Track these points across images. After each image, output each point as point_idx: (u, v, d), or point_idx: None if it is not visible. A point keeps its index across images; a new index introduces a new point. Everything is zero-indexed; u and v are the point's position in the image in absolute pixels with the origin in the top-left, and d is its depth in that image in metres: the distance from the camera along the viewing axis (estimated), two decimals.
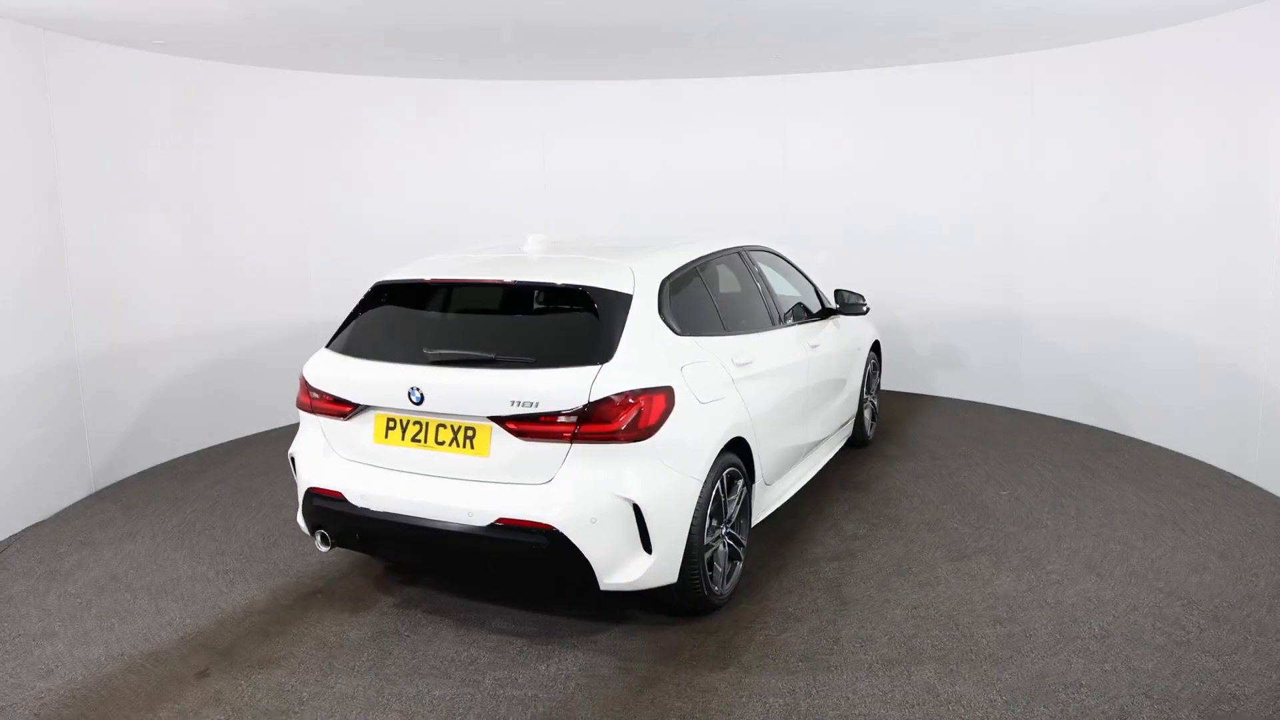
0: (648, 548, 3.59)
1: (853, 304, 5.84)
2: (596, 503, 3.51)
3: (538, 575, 4.03)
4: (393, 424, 3.83)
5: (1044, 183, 6.97)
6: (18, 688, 3.54)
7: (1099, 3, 5.27)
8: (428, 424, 3.75)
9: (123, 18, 5.13)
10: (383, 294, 4.20)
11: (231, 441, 6.86)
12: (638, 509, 3.54)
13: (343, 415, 3.92)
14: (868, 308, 5.94)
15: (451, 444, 3.71)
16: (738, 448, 4.13)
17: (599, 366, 3.59)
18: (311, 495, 3.99)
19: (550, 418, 3.52)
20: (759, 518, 4.47)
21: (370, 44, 6.09)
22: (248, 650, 3.78)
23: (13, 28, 5.10)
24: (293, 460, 4.17)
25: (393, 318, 4.16)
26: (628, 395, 3.55)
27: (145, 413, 6.21)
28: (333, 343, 4.17)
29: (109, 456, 5.92)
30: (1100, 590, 4.14)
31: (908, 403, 7.66)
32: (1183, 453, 6.08)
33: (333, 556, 4.65)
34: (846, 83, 7.72)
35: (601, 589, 3.59)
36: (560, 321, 3.91)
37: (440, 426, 3.73)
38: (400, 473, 3.81)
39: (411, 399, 3.70)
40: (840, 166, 7.88)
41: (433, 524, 3.67)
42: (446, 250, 4.73)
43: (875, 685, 3.41)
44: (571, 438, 3.52)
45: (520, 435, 3.57)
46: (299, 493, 4.09)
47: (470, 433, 3.67)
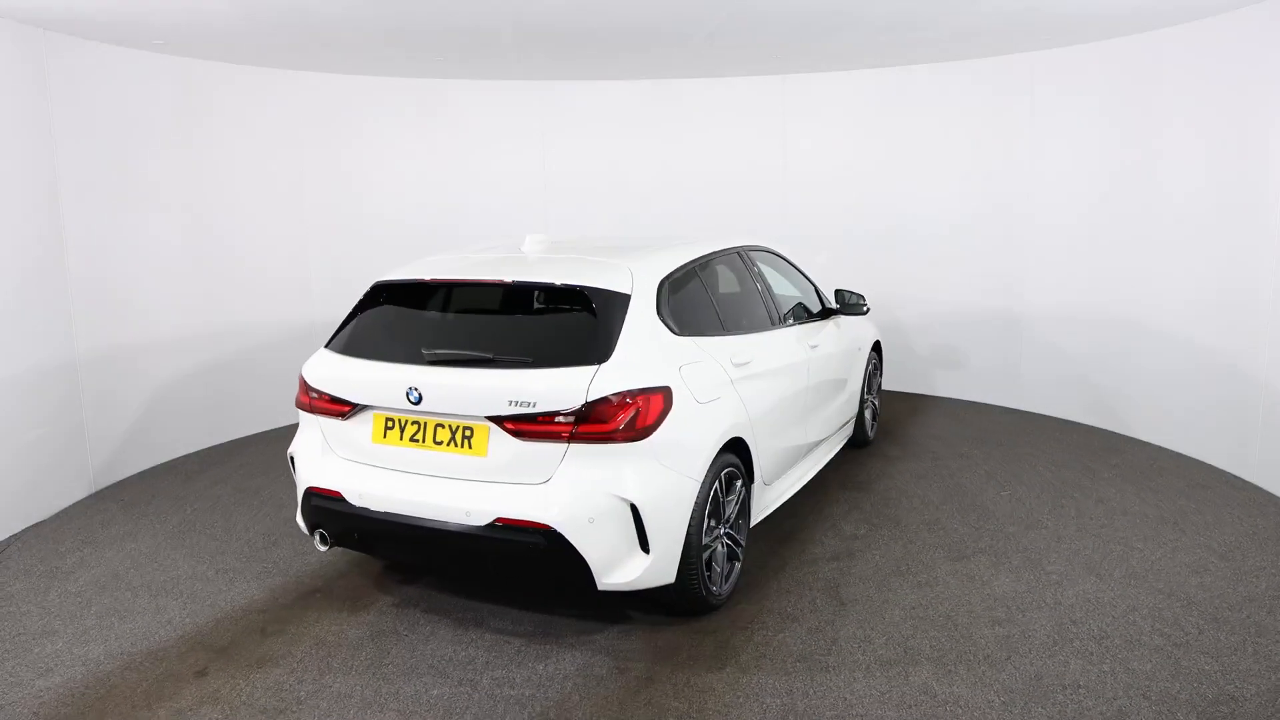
0: (645, 548, 3.59)
1: (853, 304, 5.83)
2: (594, 503, 3.51)
3: (535, 575, 4.03)
4: (391, 424, 3.83)
5: (1044, 183, 6.96)
6: (17, 685, 3.55)
7: (1099, 3, 5.27)
8: (426, 424, 3.76)
9: (123, 18, 5.14)
10: (382, 294, 4.21)
11: (232, 441, 6.87)
12: (635, 509, 3.54)
13: (341, 415, 3.92)
14: (868, 308, 5.93)
15: (449, 444, 3.71)
16: (736, 448, 4.13)
17: (596, 366, 3.59)
18: (310, 495, 3.99)
19: (548, 418, 3.53)
20: (758, 518, 4.47)
21: (370, 44, 6.10)
22: (246, 649, 3.78)
23: (13, 28, 5.10)
24: (292, 460, 4.18)
25: (392, 317, 4.16)
26: (625, 395, 3.55)
27: (145, 413, 6.22)
28: (332, 342, 4.18)
29: (109, 456, 5.93)
30: (1100, 591, 4.13)
31: (908, 403, 7.65)
32: (1183, 453, 6.07)
33: (332, 556, 4.65)
34: (846, 83, 7.72)
35: (599, 589, 3.59)
36: (559, 321, 3.91)
37: (438, 426, 3.73)
38: (398, 472, 3.81)
39: (410, 399, 3.70)
40: (840, 166, 7.88)
41: (431, 524, 3.67)
42: (446, 250, 4.73)
43: (872, 686, 3.41)
44: (569, 438, 3.52)
45: (518, 435, 3.57)
46: (298, 492, 4.10)
47: (468, 432, 3.68)
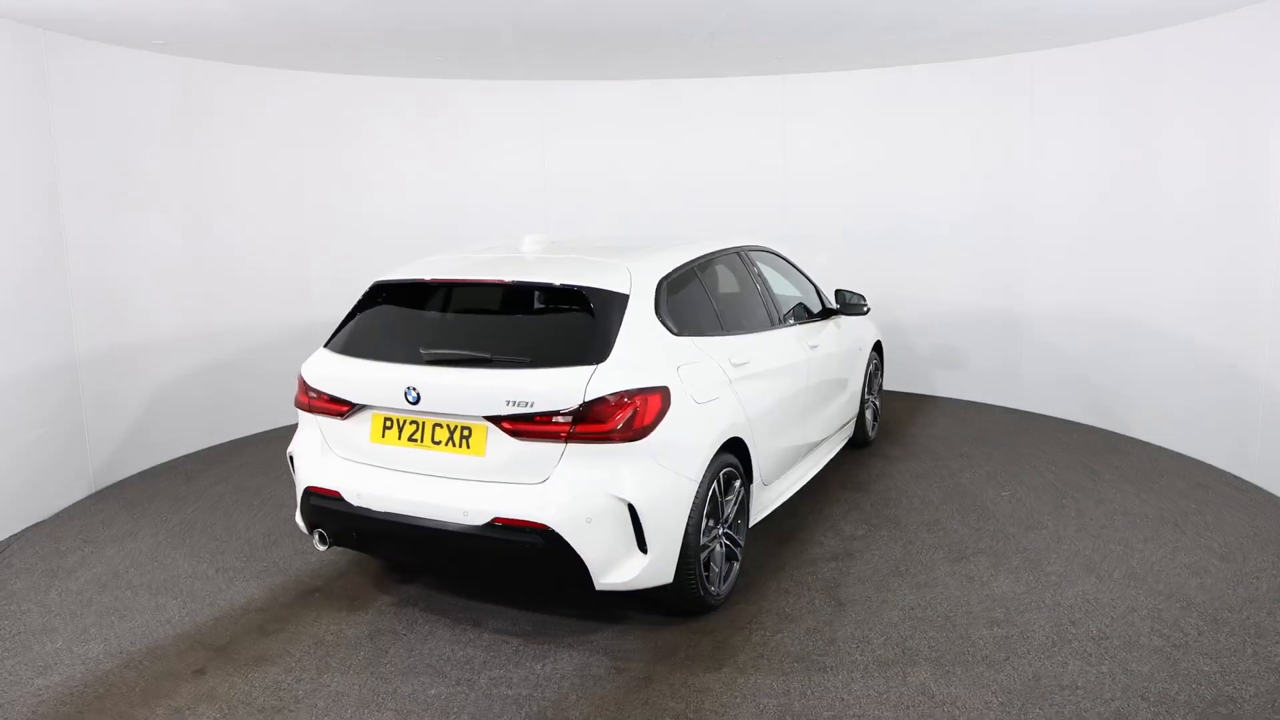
0: (643, 548, 3.59)
1: (854, 304, 5.82)
2: (592, 502, 3.51)
3: (533, 575, 4.03)
4: (389, 423, 3.83)
5: (1044, 183, 6.96)
6: (16, 684, 3.55)
7: (1099, 3, 5.27)
8: (424, 423, 3.76)
9: (123, 18, 5.14)
10: (381, 294, 4.21)
11: (232, 441, 6.88)
12: (633, 509, 3.54)
13: (340, 414, 3.92)
14: (869, 308, 5.93)
15: (448, 443, 3.71)
16: (735, 448, 4.13)
17: (594, 366, 3.59)
18: (309, 494, 4.00)
19: (545, 417, 3.53)
20: (757, 518, 4.47)
21: (370, 44, 6.10)
22: (244, 648, 3.78)
23: (13, 28, 5.11)
24: (291, 459, 4.18)
25: (391, 317, 4.16)
26: (623, 395, 3.55)
27: (145, 413, 6.22)
28: (331, 342, 4.18)
29: (109, 456, 5.93)
30: (1099, 592, 4.13)
31: (908, 403, 7.65)
32: (1183, 453, 6.06)
33: (331, 555, 4.65)
34: (846, 83, 7.72)
35: (597, 589, 3.59)
36: (557, 321, 3.91)
37: (436, 426, 3.73)
38: (397, 472, 3.81)
39: (408, 399, 3.70)
40: (840, 166, 7.88)
41: (429, 523, 3.67)
42: (446, 250, 4.73)
43: (870, 686, 3.41)
44: (567, 437, 3.52)
45: (516, 435, 3.57)
46: (297, 492, 4.10)
47: (466, 432, 3.68)
